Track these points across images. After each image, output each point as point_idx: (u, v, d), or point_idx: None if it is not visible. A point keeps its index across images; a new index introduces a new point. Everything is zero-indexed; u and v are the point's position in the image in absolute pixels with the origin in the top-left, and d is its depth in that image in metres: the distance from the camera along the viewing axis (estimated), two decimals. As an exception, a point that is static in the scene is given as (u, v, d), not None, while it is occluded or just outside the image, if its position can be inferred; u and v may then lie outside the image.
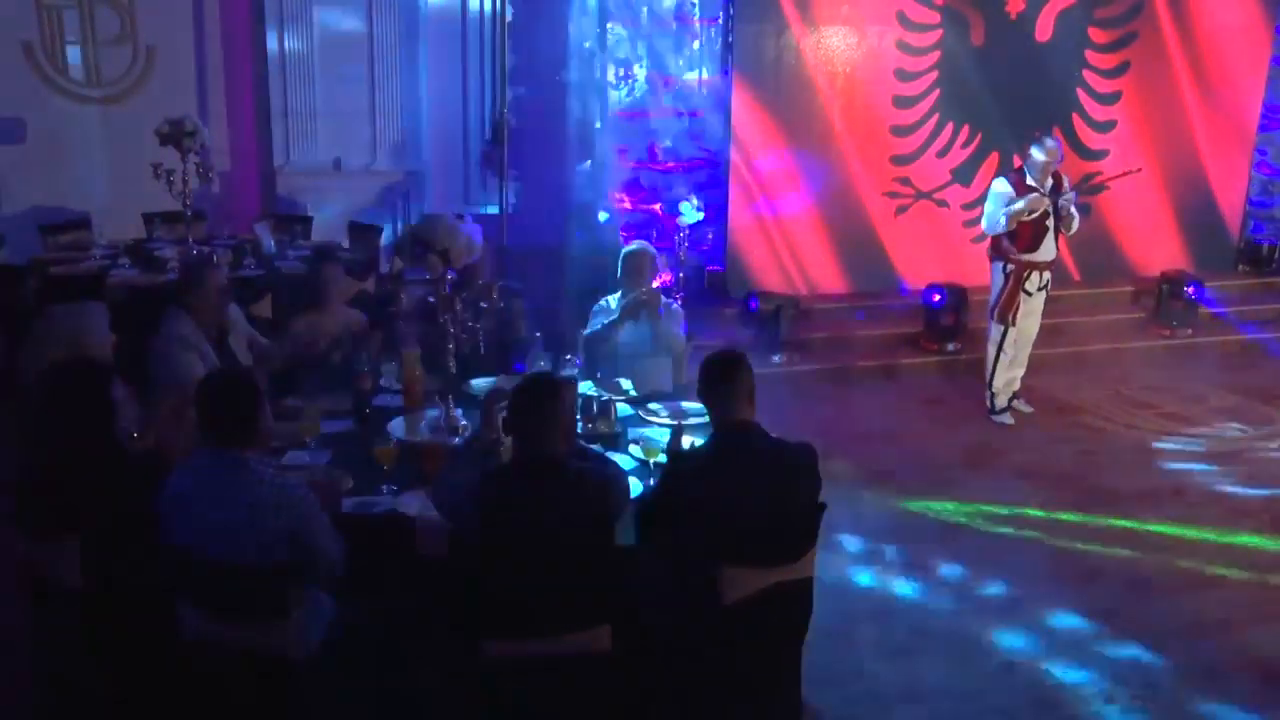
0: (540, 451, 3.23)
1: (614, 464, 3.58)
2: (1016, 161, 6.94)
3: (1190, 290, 8.73)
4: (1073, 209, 6.80)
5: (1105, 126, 9.11)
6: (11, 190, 8.70)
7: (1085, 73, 9.00)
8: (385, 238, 8.28)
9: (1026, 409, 7.28)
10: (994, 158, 8.87)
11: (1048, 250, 6.82)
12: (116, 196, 8.01)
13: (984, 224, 6.88)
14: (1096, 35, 8.96)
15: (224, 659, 3.09)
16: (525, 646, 3.08)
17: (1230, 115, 9.43)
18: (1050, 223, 6.75)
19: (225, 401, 3.19)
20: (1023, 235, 6.74)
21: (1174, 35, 9.11)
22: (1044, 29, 8.82)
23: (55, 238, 7.52)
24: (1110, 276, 9.33)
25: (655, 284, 5.55)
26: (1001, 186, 6.77)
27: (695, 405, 4.16)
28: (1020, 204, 6.62)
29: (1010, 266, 6.82)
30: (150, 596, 3.16)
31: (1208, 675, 4.36)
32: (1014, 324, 6.89)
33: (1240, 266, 9.79)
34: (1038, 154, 6.69)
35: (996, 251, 6.91)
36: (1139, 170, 7.09)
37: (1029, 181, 6.72)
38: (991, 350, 7.06)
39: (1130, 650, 4.53)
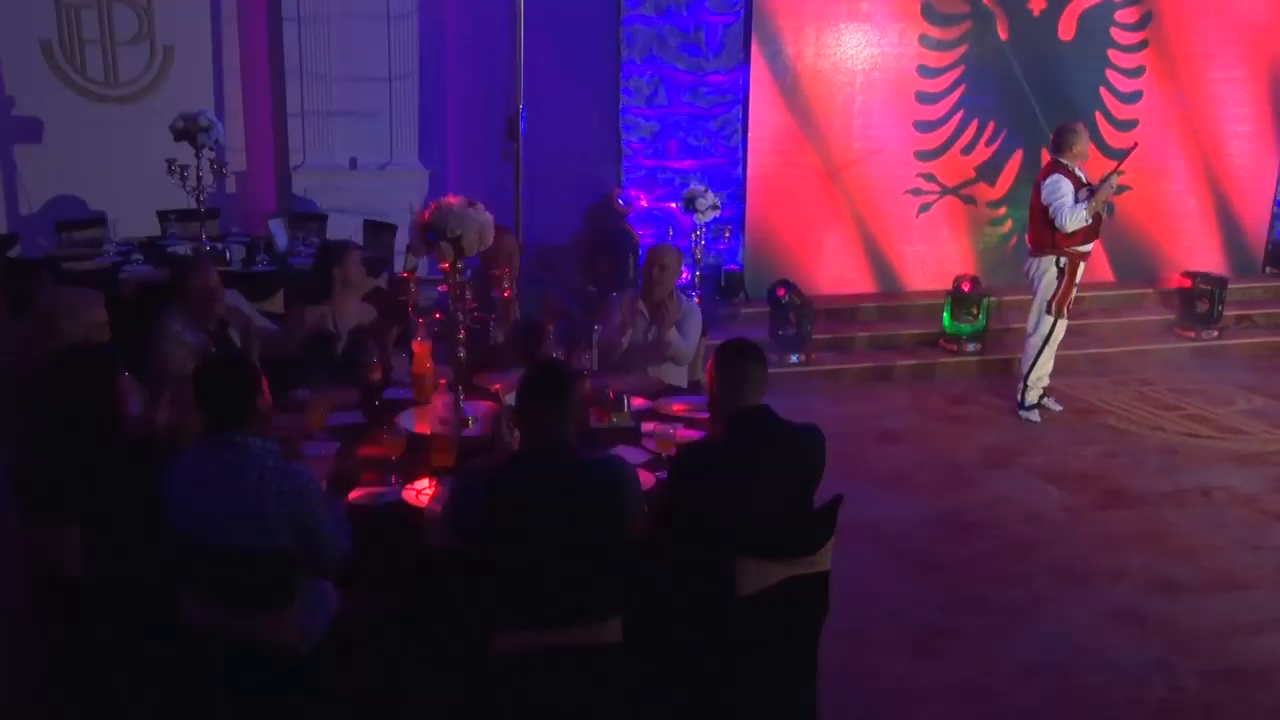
0: (550, 439, 3.16)
1: (624, 460, 3.50)
2: (1045, 156, 6.83)
3: (1215, 292, 8.58)
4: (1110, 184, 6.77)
5: (1127, 125, 8.98)
6: (28, 189, 8.71)
7: (1108, 72, 8.90)
8: (399, 237, 8.24)
9: (1056, 407, 7.21)
10: (1019, 155, 8.77)
11: (1092, 240, 6.85)
12: (132, 195, 7.99)
13: (1063, 221, 6.64)
14: (1119, 36, 8.86)
15: (225, 647, 3.02)
16: (534, 637, 3.00)
17: (1256, 116, 9.29)
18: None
19: (221, 384, 3.14)
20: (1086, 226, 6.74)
21: (1190, 39, 8.99)
22: (1067, 28, 8.73)
23: (70, 235, 7.52)
24: (1134, 278, 9.21)
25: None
26: (1063, 182, 6.69)
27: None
28: (1101, 193, 6.60)
29: (1064, 260, 6.78)
30: (152, 584, 3.11)
31: (1229, 677, 4.25)
32: (1066, 316, 6.88)
33: (1267, 269, 9.63)
34: (1081, 143, 6.70)
35: (1052, 247, 6.80)
36: (1134, 146, 6.98)
37: (1077, 173, 6.72)
38: (1035, 343, 6.99)
39: (1155, 653, 4.42)
